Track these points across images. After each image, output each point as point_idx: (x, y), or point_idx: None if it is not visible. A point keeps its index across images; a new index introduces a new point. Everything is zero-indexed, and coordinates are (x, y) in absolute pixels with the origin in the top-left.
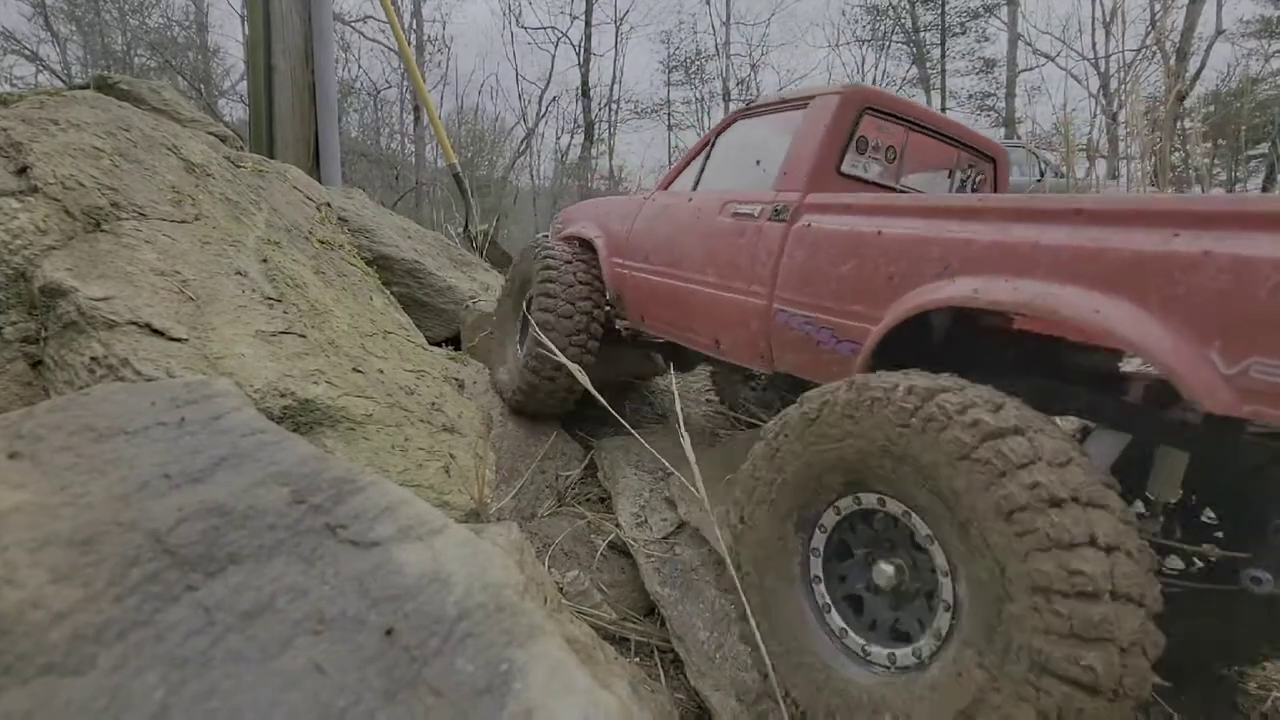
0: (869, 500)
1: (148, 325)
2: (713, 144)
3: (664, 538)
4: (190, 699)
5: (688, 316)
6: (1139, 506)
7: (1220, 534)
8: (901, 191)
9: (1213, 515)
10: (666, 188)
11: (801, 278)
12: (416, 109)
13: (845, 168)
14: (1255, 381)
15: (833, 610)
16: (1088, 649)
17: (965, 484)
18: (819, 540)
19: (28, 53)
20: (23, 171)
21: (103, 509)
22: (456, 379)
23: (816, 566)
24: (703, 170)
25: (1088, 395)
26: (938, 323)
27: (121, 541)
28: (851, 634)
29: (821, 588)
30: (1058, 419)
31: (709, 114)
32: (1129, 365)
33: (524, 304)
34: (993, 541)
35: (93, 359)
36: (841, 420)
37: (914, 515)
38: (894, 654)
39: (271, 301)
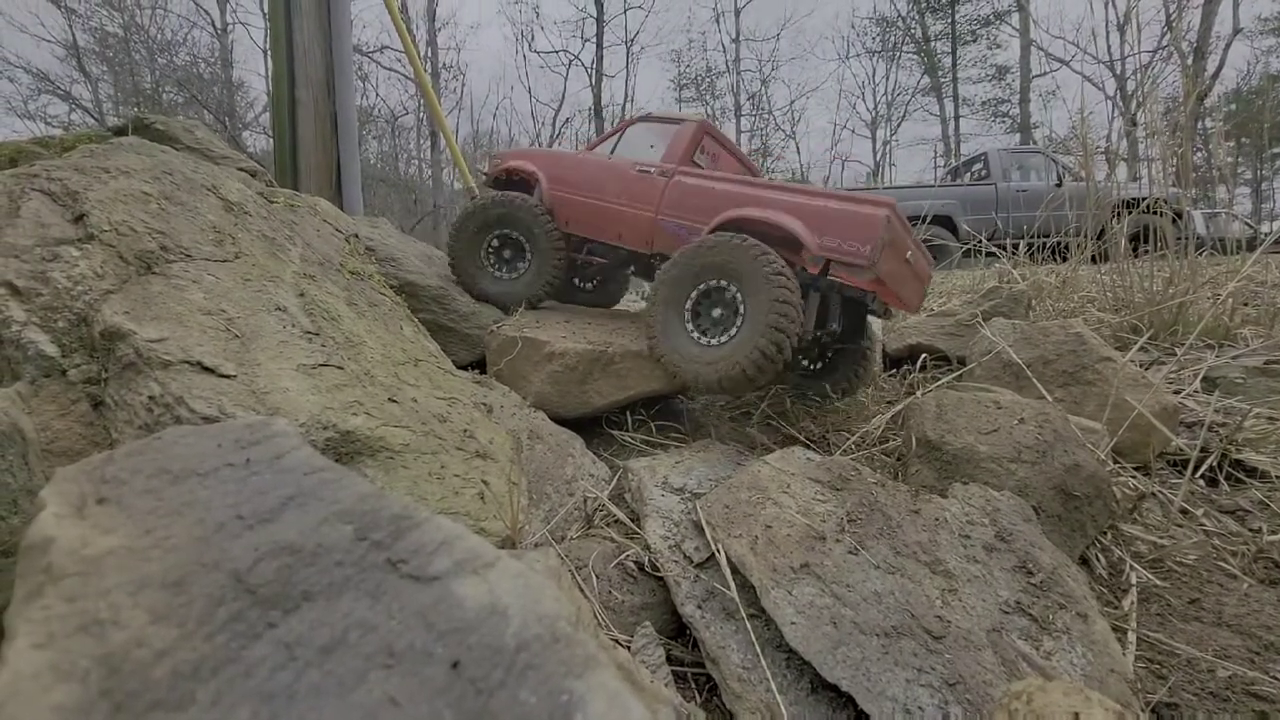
0: (712, 283)
1: (199, 363)
2: (622, 133)
3: (694, 560)
4: None
5: (601, 222)
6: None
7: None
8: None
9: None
10: (590, 151)
11: (672, 203)
12: (433, 134)
13: (694, 158)
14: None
15: (690, 325)
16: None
17: (752, 270)
18: (690, 301)
19: (61, 92)
20: (80, 219)
21: (187, 550)
22: (484, 404)
23: (689, 309)
24: (615, 146)
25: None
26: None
27: (207, 582)
28: (696, 333)
29: (689, 316)
30: None
31: (721, 129)
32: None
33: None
34: (756, 291)
35: (150, 398)
36: (706, 250)
37: (731, 286)
38: (709, 340)
39: (310, 335)
